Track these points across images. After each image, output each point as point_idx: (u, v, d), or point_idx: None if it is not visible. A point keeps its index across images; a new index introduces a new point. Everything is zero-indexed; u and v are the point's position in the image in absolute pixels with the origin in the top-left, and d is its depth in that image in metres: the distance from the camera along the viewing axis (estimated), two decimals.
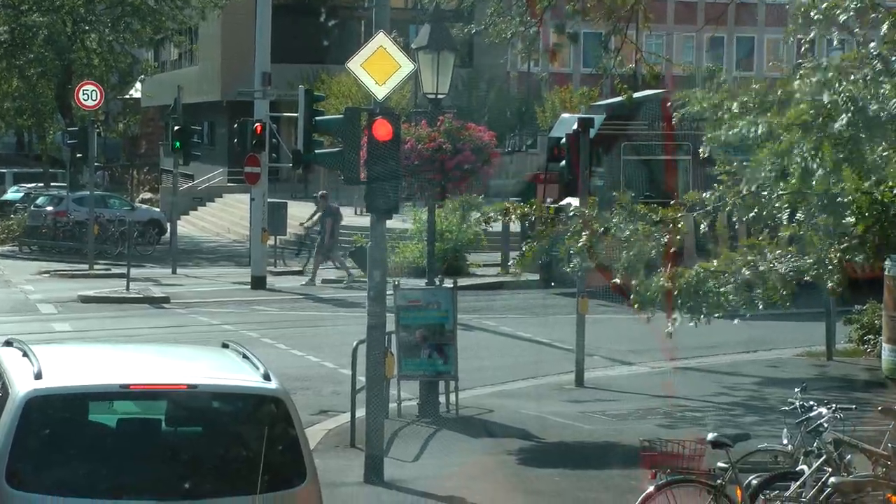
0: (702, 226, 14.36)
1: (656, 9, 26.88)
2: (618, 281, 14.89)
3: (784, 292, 14.11)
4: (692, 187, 28.64)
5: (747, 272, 14.03)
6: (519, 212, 16.77)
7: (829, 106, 13.04)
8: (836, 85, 13.06)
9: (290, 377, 19.86)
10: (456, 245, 36.25)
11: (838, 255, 13.87)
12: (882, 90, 12.87)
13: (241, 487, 8.94)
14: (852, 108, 12.85)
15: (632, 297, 14.32)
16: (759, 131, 13.68)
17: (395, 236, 34.01)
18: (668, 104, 16.18)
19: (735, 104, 13.97)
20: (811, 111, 13.20)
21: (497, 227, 39.50)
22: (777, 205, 13.36)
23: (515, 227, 37.69)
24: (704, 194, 14.39)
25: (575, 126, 24.45)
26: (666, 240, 14.45)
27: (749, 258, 14.15)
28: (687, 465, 11.57)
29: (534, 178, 37.27)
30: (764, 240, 14.34)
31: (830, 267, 13.87)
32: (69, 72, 49.66)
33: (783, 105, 13.60)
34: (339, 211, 38.47)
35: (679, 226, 14.45)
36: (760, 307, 14.39)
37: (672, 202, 15.43)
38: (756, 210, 13.62)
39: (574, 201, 30.08)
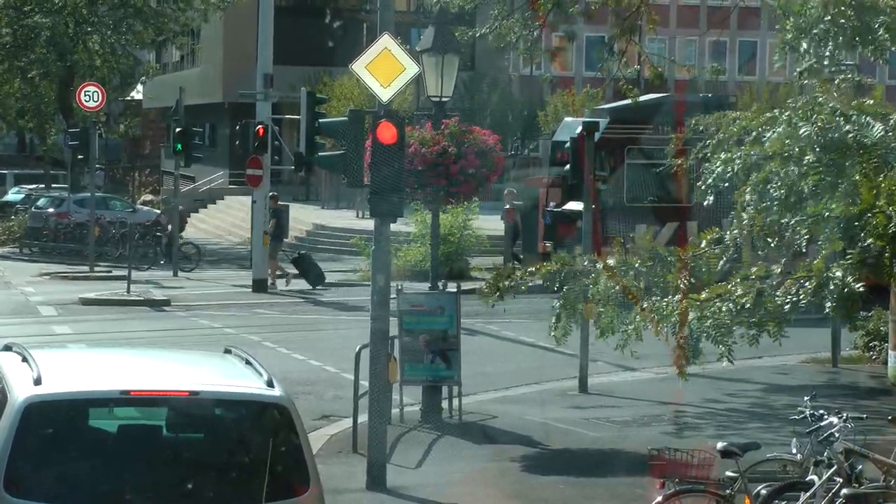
0: (721, 262, 14.27)
1: (659, 12, 26.72)
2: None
3: (780, 325, 13.99)
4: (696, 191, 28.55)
5: (745, 300, 13.90)
6: (545, 270, 16.35)
7: (803, 138, 13.11)
8: (809, 115, 13.18)
9: (291, 381, 19.73)
10: (458, 248, 36.11)
11: (840, 277, 13.71)
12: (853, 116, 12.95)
13: (244, 495, 8.82)
14: (822, 141, 12.93)
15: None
16: (737, 168, 13.79)
17: (397, 240, 33.88)
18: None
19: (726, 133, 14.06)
20: (787, 141, 13.25)
21: (499, 230, 39.51)
22: (798, 229, 13.28)
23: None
24: (725, 233, 14.28)
25: (579, 129, 24.33)
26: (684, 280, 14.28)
27: (740, 291, 14.02)
28: (696, 474, 11.42)
29: (536, 183, 37.17)
30: (760, 269, 14.21)
31: (833, 293, 13.74)
32: (71, 73, 49.55)
33: (758, 139, 13.71)
34: (287, 211, 38.02)
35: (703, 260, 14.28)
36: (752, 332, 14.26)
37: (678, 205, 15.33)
38: (776, 240, 13.54)
39: (577, 205, 30.01)
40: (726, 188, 14.49)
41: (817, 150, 13.14)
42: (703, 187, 14.63)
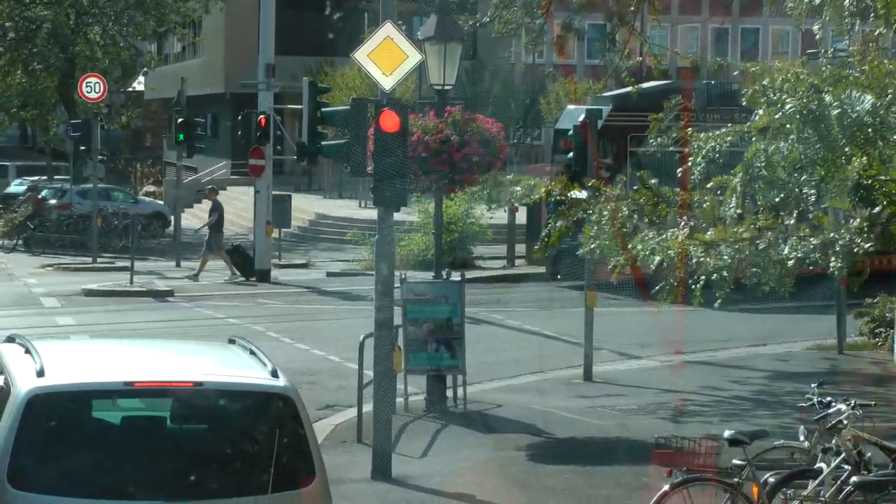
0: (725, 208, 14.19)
1: (661, 0, 26.61)
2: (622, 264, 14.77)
3: (783, 278, 13.89)
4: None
5: (746, 249, 13.84)
6: (544, 189, 16.52)
7: (788, 114, 13.08)
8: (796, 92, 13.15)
9: (295, 371, 19.67)
10: (462, 237, 36.04)
11: (848, 238, 13.65)
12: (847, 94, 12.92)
13: (249, 486, 8.76)
14: (807, 117, 12.90)
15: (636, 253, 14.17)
16: (726, 143, 13.79)
17: (400, 229, 33.81)
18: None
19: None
20: (776, 117, 13.23)
21: (503, 219, 39.43)
22: (805, 190, 13.22)
23: (521, 218, 37.56)
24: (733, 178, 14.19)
25: (582, 117, 24.25)
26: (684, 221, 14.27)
27: (747, 236, 13.96)
28: (702, 462, 11.34)
29: (539, 171, 37.02)
30: (768, 220, 14.14)
31: (839, 251, 13.67)
32: (72, 65, 49.47)
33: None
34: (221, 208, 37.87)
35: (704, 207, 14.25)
36: (756, 289, 14.18)
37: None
38: (783, 194, 13.45)
39: (581, 194, 29.87)
40: (718, 164, 14.45)
41: (801, 126, 13.08)
42: (694, 163, 14.60)
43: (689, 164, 14.67)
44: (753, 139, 14.03)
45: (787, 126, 13.53)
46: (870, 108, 13.12)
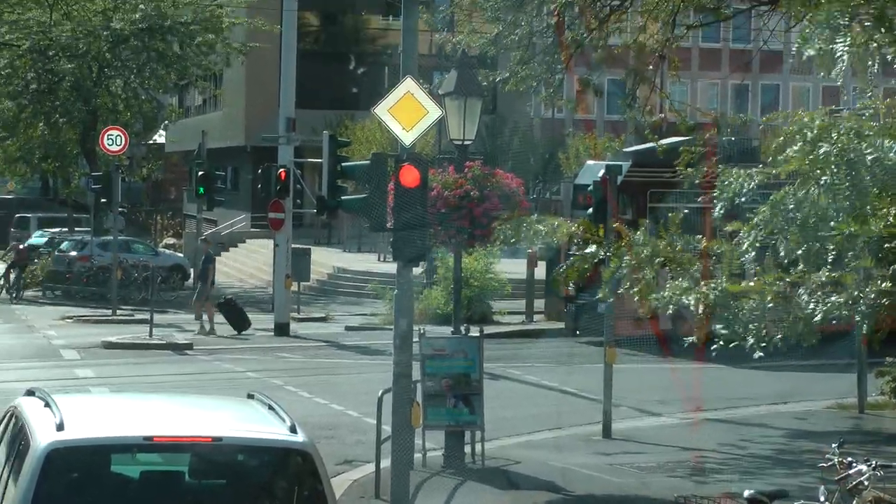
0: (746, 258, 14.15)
1: (680, 55, 26.71)
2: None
3: (808, 335, 13.82)
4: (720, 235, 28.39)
5: (772, 302, 13.76)
6: (565, 230, 16.46)
7: (821, 158, 13.01)
8: (831, 136, 13.09)
9: (314, 426, 19.63)
10: (481, 292, 36.02)
11: (873, 297, 13.59)
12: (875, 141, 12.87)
13: None
14: (842, 161, 12.83)
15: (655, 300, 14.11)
16: (753, 184, 13.74)
17: (419, 283, 33.82)
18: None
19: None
20: (806, 162, 13.18)
21: (521, 274, 39.39)
22: (828, 245, 13.17)
23: (540, 273, 37.52)
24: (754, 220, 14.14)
25: (602, 172, 24.26)
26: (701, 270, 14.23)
27: (775, 289, 13.89)
28: None
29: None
30: (797, 274, 14.09)
31: (864, 309, 13.61)
32: (94, 117, 49.75)
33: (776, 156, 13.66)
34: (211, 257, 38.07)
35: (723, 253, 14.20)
36: (779, 343, 14.09)
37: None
38: (805, 247, 13.39)
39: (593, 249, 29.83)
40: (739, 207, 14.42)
41: (835, 170, 13.03)
42: (716, 202, 14.56)
43: (713, 200, 14.60)
44: (783, 184, 13.98)
45: (819, 171, 13.44)
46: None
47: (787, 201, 13.39)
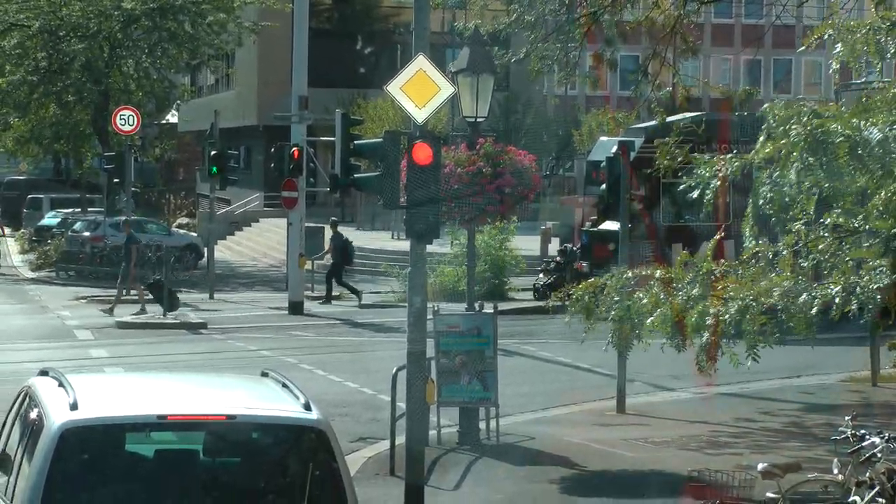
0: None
1: (693, 31, 26.60)
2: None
3: (808, 328, 13.81)
4: (731, 210, 28.29)
5: (766, 302, 13.75)
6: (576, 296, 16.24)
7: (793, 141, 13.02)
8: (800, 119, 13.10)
9: (328, 403, 19.67)
10: (495, 269, 36.00)
11: (867, 280, 13.55)
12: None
13: None
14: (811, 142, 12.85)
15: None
16: (731, 170, 13.75)
17: (433, 260, 33.80)
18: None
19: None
20: (782, 142, 13.17)
21: (535, 250, 39.38)
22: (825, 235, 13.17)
23: (554, 249, 37.54)
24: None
25: (615, 148, 24.24)
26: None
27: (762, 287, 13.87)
28: (736, 495, 11.30)
29: (572, 203, 37.01)
30: (787, 262, 14.07)
31: (859, 294, 13.57)
32: (106, 97, 49.78)
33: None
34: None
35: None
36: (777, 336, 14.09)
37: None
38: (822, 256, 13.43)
39: (613, 225, 29.82)
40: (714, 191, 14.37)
41: (805, 155, 13.02)
42: (689, 186, 14.55)
43: (689, 185, 14.60)
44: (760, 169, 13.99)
45: (794, 154, 13.47)
46: (880, 137, 13.08)
47: (762, 185, 13.40)
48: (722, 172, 14.06)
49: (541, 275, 36.45)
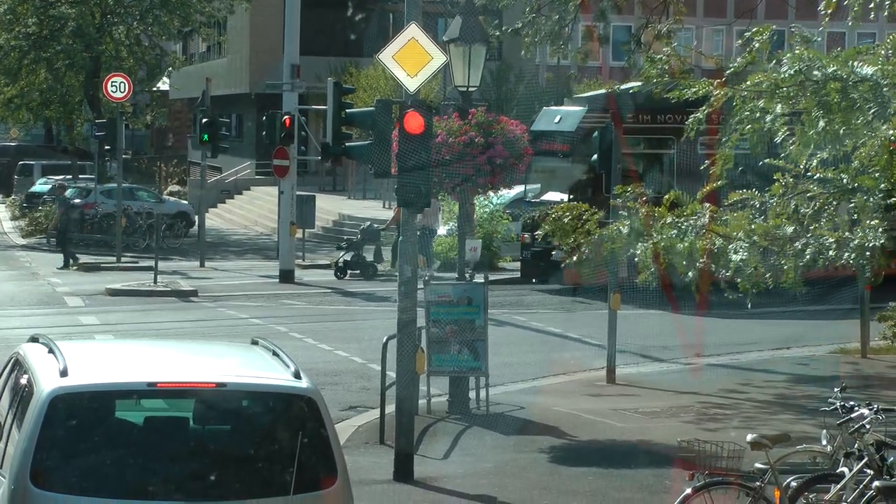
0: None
1: (686, 2, 26.56)
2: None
3: (796, 275, 13.83)
4: (677, 179, 28.16)
5: (763, 243, 13.76)
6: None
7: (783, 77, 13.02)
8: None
9: (318, 372, 19.71)
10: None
11: (861, 237, 13.58)
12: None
13: (271, 487, 8.78)
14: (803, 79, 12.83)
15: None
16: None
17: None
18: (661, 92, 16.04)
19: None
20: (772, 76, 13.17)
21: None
22: (832, 201, 13.17)
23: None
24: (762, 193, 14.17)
25: (558, 119, 23.88)
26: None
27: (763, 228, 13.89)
28: (725, 466, 11.32)
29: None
30: (784, 213, 14.08)
31: (853, 248, 13.59)
32: (97, 64, 49.63)
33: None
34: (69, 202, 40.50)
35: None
36: (769, 281, 14.09)
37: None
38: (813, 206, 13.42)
39: (556, 196, 29.80)
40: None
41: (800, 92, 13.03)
42: (690, 128, 14.58)
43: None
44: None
45: (785, 89, 13.47)
46: (872, 72, 13.08)
47: (742, 114, 13.41)
48: (715, 96, 14.04)
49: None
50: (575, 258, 16.01)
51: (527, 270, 33.41)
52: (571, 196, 26.67)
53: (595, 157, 22.67)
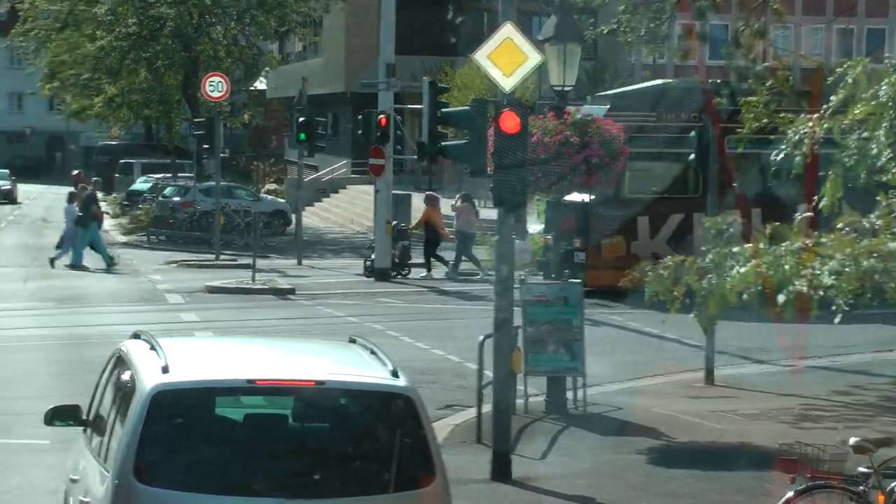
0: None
1: (784, 1, 26.22)
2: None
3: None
4: (699, 182, 27.71)
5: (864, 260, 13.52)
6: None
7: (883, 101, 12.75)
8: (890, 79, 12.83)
9: (415, 370, 19.71)
10: None
11: None
12: None
13: (370, 486, 8.79)
14: None
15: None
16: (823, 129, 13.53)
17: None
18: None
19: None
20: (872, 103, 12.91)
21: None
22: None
23: None
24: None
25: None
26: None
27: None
28: (828, 469, 11.15)
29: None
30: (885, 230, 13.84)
31: None
32: (196, 64, 50.09)
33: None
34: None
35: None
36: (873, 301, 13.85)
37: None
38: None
39: (577, 197, 29.06)
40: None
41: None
42: (775, 158, 14.36)
43: (775, 157, 14.41)
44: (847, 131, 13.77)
45: (883, 115, 13.21)
46: None
47: (849, 149, 13.17)
48: (812, 133, 13.84)
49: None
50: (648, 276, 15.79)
51: (549, 271, 32.91)
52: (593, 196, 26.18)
53: (692, 156, 22.38)
